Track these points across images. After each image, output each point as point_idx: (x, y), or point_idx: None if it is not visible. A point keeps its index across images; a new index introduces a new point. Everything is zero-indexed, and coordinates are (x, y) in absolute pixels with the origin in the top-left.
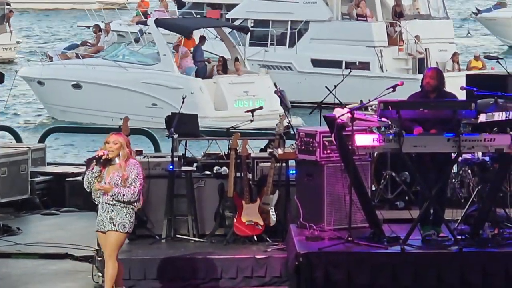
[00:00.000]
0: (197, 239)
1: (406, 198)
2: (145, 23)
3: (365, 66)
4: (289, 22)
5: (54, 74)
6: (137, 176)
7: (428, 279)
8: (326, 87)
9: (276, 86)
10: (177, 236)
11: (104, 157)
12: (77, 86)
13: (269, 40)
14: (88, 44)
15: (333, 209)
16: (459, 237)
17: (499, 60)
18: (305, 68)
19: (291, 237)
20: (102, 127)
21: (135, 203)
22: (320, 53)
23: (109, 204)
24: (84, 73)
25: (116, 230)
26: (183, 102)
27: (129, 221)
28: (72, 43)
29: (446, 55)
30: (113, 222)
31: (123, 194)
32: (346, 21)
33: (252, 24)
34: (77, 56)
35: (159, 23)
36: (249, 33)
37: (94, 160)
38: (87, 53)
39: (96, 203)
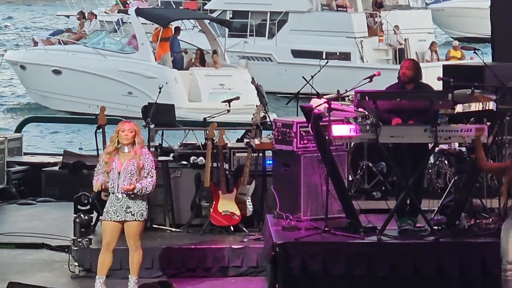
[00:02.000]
0: (173, 229)
1: (383, 188)
2: (126, 12)
3: (345, 56)
4: (268, 13)
5: (36, 58)
6: (152, 166)
7: (404, 269)
8: (303, 77)
9: (254, 81)
10: (153, 226)
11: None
12: (57, 71)
13: (248, 31)
14: (72, 31)
15: (310, 199)
16: (436, 227)
17: (476, 50)
18: (285, 59)
19: (267, 227)
20: (78, 117)
21: (151, 192)
22: (300, 44)
23: (125, 193)
24: (64, 59)
25: (136, 220)
26: (159, 92)
27: (145, 207)
28: (57, 29)
29: (425, 45)
30: (131, 212)
31: (146, 188)
32: (326, 12)
33: (231, 15)
34: (60, 42)
35: (139, 12)
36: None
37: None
38: (70, 40)
39: (107, 194)
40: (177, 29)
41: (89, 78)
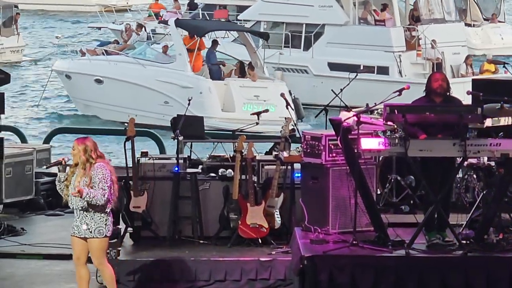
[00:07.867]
0: (201, 241)
1: (411, 202)
2: (165, 23)
3: (383, 70)
4: (304, 25)
5: (80, 68)
6: (103, 179)
7: (432, 283)
8: (332, 90)
9: (291, 94)
10: (182, 238)
11: (63, 163)
12: (99, 81)
13: (283, 42)
14: (118, 43)
15: (338, 213)
16: (464, 241)
17: (505, 65)
18: (322, 71)
19: (295, 240)
20: (107, 128)
21: (105, 208)
22: (337, 57)
23: (81, 210)
24: (106, 68)
25: (94, 237)
26: (189, 104)
27: (105, 224)
28: (104, 41)
29: (459, 58)
30: (89, 229)
31: (95, 197)
32: (364, 26)
33: (265, 26)
34: (103, 53)
35: (178, 23)
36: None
37: (57, 167)
38: (114, 50)
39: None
40: (215, 42)
41: (128, 87)
